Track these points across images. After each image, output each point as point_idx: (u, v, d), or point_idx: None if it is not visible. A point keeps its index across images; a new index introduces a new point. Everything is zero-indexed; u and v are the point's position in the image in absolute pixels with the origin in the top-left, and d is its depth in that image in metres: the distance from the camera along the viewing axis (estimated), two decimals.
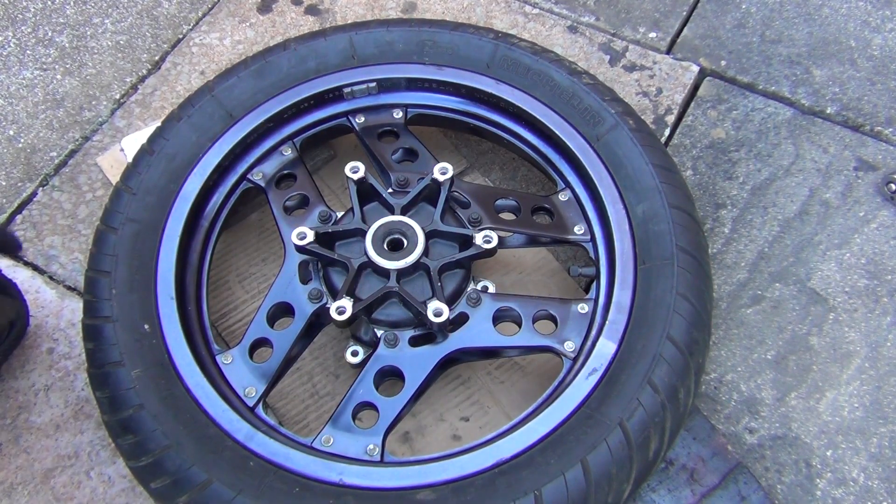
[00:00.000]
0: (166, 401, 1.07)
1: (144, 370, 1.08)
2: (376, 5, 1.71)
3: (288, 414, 1.27)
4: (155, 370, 1.09)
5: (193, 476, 1.00)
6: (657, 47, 1.63)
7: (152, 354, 1.10)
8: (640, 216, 1.20)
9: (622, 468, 1.01)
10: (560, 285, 1.37)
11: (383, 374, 1.16)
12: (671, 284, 1.13)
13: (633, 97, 1.54)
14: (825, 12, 1.67)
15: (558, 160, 1.31)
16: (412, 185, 1.26)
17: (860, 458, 1.20)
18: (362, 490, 1.01)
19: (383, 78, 1.35)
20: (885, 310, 1.32)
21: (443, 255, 1.21)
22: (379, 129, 1.37)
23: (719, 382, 1.27)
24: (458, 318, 1.18)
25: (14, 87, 1.62)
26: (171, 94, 1.60)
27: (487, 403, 1.26)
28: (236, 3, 1.73)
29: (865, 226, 1.40)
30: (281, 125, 1.35)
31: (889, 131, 1.50)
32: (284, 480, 1.02)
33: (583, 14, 1.69)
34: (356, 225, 1.21)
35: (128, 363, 1.09)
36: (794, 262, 1.37)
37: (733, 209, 1.43)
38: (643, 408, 1.04)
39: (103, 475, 1.21)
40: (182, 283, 1.20)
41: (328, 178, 1.48)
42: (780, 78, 1.58)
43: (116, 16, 1.73)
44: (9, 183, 1.50)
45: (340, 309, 1.13)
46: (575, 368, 1.12)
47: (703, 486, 1.15)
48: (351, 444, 1.09)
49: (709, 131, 1.53)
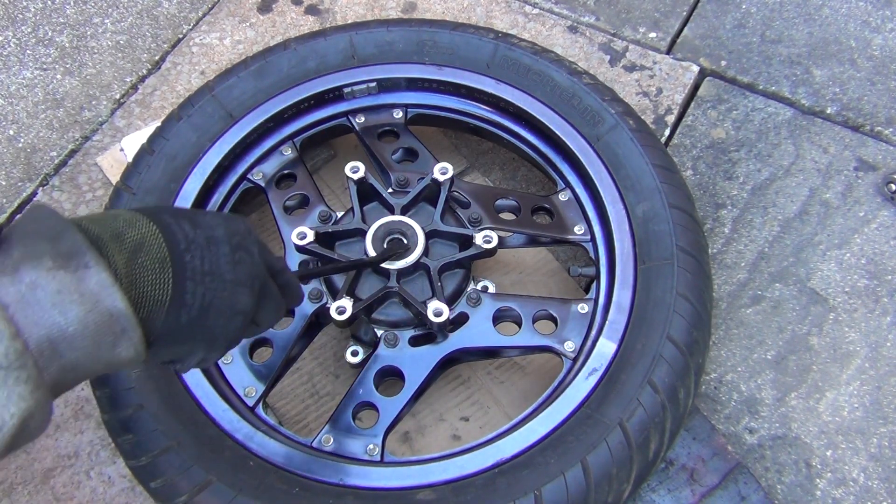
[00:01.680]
0: (166, 400, 1.07)
1: (144, 370, 1.08)
2: (376, 5, 1.71)
3: (288, 414, 1.27)
4: (155, 370, 1.09)
5: (193, 475, 1.01)
6: (657, 47, 1.63)
7: None
8: (640, 216, 1.20)
9: (622, 468, 1.01)
10: (560, 285, 1.37)
11: (383, 373, 1.16)
12: (671, 284, 1.13)
13: (633, 97, 1.54)
14: (825, 12, 1.67)
15: (558, 160, 1.32)
16: (412, 185, 1.26)
17: (860, 459, 1.20)
18: (362, 490, 1.01)
19: (383, 78, 1.35)
20: (885, 310, 1.32)
21: (443, 254, 1.21)
22: (379, 129, 1.37)
23: (719, 382, 1.27)
24: (458, 318, 1.18)
25: (14, 87, 1.63)
26: (171, 94, 1.60)
27: (487, 403, 1.26)
28: (236, 3, 1.73)
29: (865, 226, 1.40)
30: (281, 125, 1.35)
31: (889, 131, 1.50)
32: (284, 480, 1.02)
33: (583, 14, 1.69)
34: (356, 225, 1.21)
35: None
36: (795, 262, 1.37)
37: (733, 209, 1.43)
38: (643, 408, 1.04)
39: (103, 475, 1.21)
40: None
41: (328, 178, 1.48)
42: (780, 78, 1.59)
43: (116, 16, 1.73)
44: (9, 183, 1.50)
45: (340, 309, 1.13)
46: (575, 368, 1.12)
47: (703, 487, 1.15)
48: (351, 443, 1.09)
49: (709, 131, 1.53)
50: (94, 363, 0.60)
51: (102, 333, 0.59)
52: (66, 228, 0.60)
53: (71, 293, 0.57)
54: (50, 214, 0.61)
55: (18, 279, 0.56)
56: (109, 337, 0.59)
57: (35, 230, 0.59)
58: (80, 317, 0.57)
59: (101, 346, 0.59)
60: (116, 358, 0.61)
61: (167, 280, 0.64)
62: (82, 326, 0.58)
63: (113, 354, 0.60)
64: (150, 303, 0.63)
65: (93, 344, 0.59)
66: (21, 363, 0.55)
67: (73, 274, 0.58)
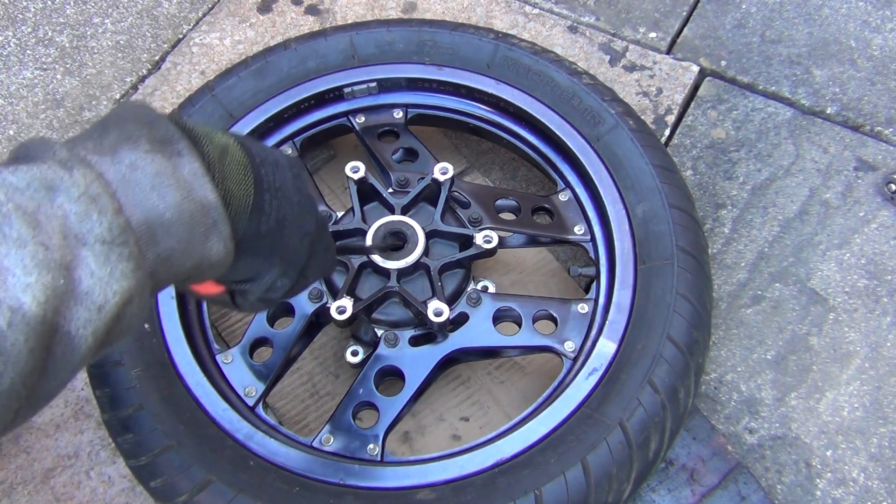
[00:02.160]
0: (166, 400, 1.07)
1: (144, 369, 1.09)
2: (376, 5, 1.71)
3: (288, 414, 1.27)
4: (155, 369, 1.09)
5: (193, 475, 1.01)
6: (657, 47, 1.63)
7: (152, 354, 1.11)
8: (640, 216, 1.20)
9: (622, 468, 1.01)
10: (560, 285, 1.37)
11: (383, 373, 1.16)
12: (671, 284, 1.13)
13: (633, 97, 1.54)
14: (825, 12, 1.67)
15: (558, 160, 1.32)
16: (412, 185, 1.26)
17: (860, 459, 1.20)
18: (362, 489, 1.01)
19: (383, 78, 1.35)
20: (885, 310, 1.32)
21: (443, 254, 1.21)
22: (379, 129, 1.37)
23: (719, 382, 1.27)
24: (458, 317, 1.18)
25: (14, 87, 1.63)
26: (172, 94, 1.60)
27: (487, 403, 1.26)
28: (236, 3, 1.73)
29: (865, 226, 1.40)
30: (281, 125, 1.35)
31: (889, 131, 1.50)
32: (284, 480, 1.02)
33: (583, 14, 1.69)
34: (356, 225, 1.21)
35: (128, 362, 1.09)
36: (794, 262, 1.37)
37: (733, 209, 1.43)
38: (643, 408, 1.04)
39: (103, 475, 1.21)
40: None
41: (328, 178, 1.48)
42: (780, 78, 1.59)
43: (116, 16, 1.73)
44: None
45: (340, 309, 1.13)
46: (575, 368, 1.12)
47: (703, 486, 1.15)
48: (351, 443, 1.09)
49: (709, 131, 1.53)
50: (186, 256, 0.58)
51: (196, 223, 0.58)
52: (160, 118, 0.60)
53: (168, 177, 0.56)
54: (143, 106, 0.61)
55: (118, 159, 0.55)
56: (201, 227, 0.58)
57: (129, 116, 0.59)
58: (177, 202, 0.56)
59: (194, 237, 0.58)
60: (207, 252, 0.60)
61: (249, 185, 0.64)
62: (178, 212, 0.56)
63: (204, 248, 0.59)
64: (236, 203, 0.63)
65: (187, 232, 0.57)
66: (124, 239, 0.53)
67: (169, 160, 0.57)
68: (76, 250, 0.51)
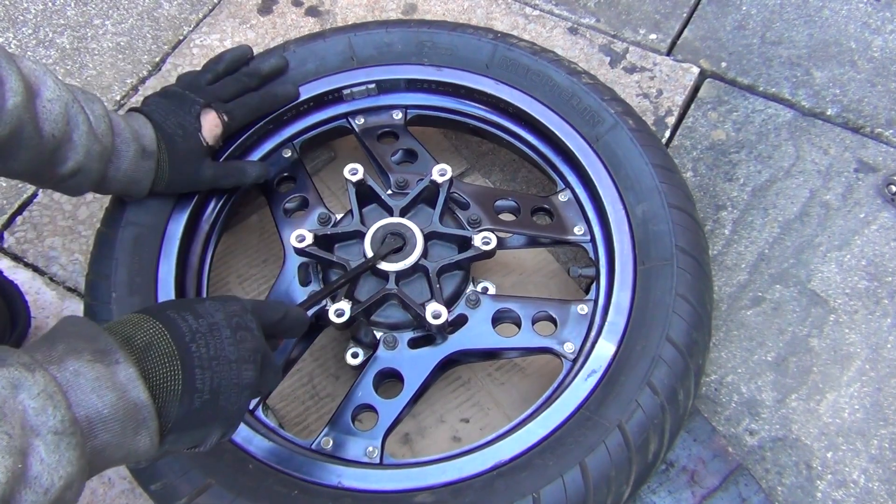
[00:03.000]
0: None
1: None
2: (377, 7, 1.71)
3: (288, 416, 1.27)
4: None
5: (193, 478, 1.01)
6: (657, 49, 1.63)
7: None
8: (639, 216, 1.20)
9: (621, 470, 1.01)
10: (560, 286, 1.37)
11: (383, 375, 1.16)
12: (671, 285, 1.13)
13: (633, 99, 1.54)
14: (825, 14, 1.67)
15: (558, 160, 1.31)
16: (411, 187, 1.26)
17: (861, 460, 1.20)
18: (361, 492, 1.01)
19: (382, 79, 1.35)
20: (886, 311, 1.31)
21: (442, 256, 1.21)
22: (378, 131, 1.37)
23: (719, 384, 1.27)
24: (457, 319, 1.18)
25: None
26: None
27: (488, 405, 1.26)
28: (237, 5, 1.73)
29: (866, 227, 1.40)
30: (281, 127, 1.35)
31: (889, 133, 1.50)
32: (283, 483, 1.02)
33: (583, 16, 1.69)
34: (355, 227, 1.21)
35: None
36: (795, 263, 1.37)
37: (734, 211, 1.43)
38: (642, 409, 1.03)
39: (103, 476, 1.21)
40: (182, 286, 1.20)
41: (328, 180, 1.49)
42: (780, 79, 1.58)
43: (117, 17, 1.74)
44: (9, 184, 1.50)
45: (339, 311, 1.13)
46: (574, 370, 1.12)
47: (704, 488, 1.15)
48: (350, 446, 1.09)
49: (709, 133, 1.52)
50: (117, 449, 0.68)
51: (128, 420, 0.68)
52: (100, 332, 0.71)
53: (106, 381, 0.67)
54: (85, 321, 0.72)
55: (64, 367, 0.66)
56: (133, 424, 0.68)
57: (74, 332, 0.70)
58: (113, 402, 0.67)
59: (125, 432, 0.68)
60: (135, 446, 0.69)
61: (177, 371, 0.72)
62: (114, 410, 0.66)
63: (133, 442, 0.69)
64: (165, 394, 0.71)
65: (120, 428, 0.67)
66: (73, 430, 0.63)
67: (108, 367, 0.68)
68: (30, 439, 0.60)
